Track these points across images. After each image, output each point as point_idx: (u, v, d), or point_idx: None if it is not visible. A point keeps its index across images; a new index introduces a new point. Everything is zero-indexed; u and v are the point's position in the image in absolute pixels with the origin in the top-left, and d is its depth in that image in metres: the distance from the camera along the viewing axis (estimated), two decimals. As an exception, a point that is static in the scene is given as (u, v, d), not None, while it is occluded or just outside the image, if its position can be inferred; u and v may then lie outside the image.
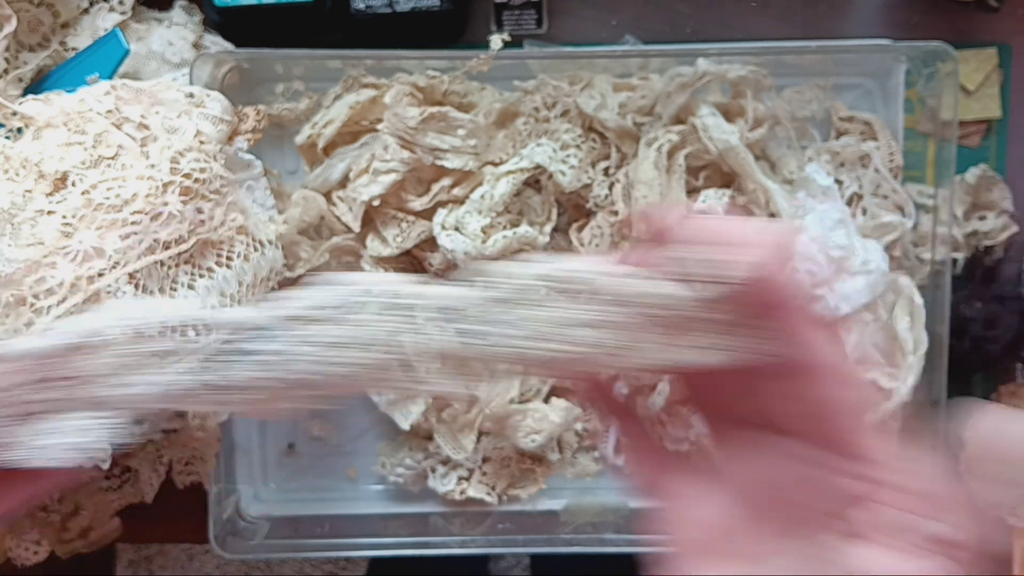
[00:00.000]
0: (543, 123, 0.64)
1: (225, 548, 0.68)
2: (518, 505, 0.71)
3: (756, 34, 0.71)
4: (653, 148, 0.62)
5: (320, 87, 0.67)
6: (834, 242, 0.61)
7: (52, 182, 0.55)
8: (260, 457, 0.73)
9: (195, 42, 0.67)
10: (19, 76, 0.64)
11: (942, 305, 0.65)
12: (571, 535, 0.70)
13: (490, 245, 0.61)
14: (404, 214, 0.63)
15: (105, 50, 0.62)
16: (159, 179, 0.54)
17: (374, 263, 0.63)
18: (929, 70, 0.65)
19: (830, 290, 0.62)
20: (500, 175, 0.62)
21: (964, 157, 0.71)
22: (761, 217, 0.63)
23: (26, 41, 0.65)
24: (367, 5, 0.65)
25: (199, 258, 0.56)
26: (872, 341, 0.63)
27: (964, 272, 0.71)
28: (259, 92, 0.69)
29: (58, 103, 0.58)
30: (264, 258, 0.59)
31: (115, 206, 0.53)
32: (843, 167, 0.67)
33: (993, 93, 0.71)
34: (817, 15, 0.72)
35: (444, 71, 0.65)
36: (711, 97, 0.65)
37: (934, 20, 0.71)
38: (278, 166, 0.70)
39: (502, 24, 0.71)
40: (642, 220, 0.33)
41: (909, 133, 0.69)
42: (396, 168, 0.62)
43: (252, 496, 0.72)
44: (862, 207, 0.67)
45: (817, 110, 0.67)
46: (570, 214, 0.67)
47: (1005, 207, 0.71)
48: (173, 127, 0.57)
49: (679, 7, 0.72)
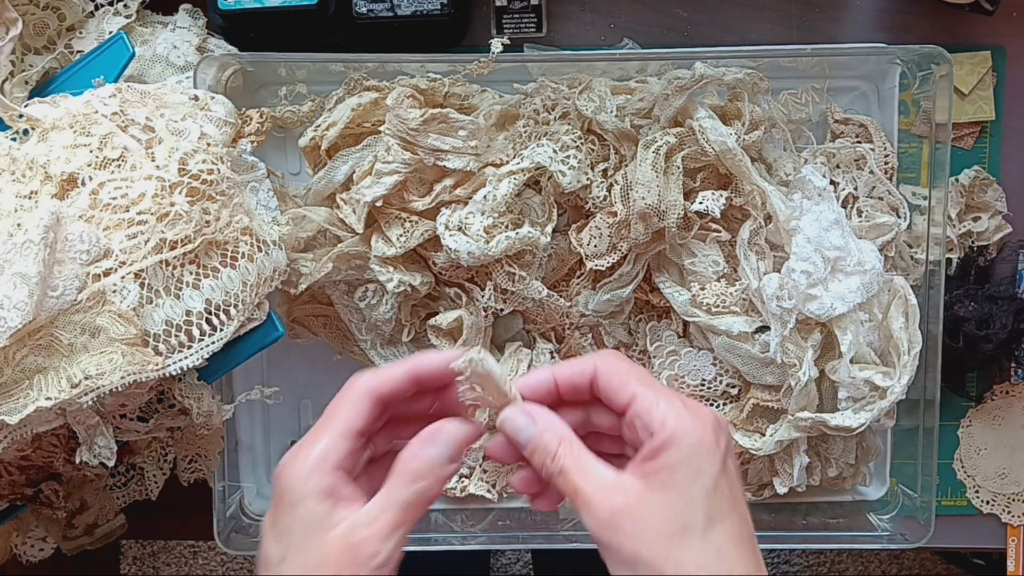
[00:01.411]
0: (543, 125, 0.65)
1: (229, 545, 0.69)
2: (518, 502, 0.72)
3: (752, 38, 0.72)
4: (651, 150, 0.63)
5: (323, 90, 0.68)
6: (829, 243, 0.62)
7: (58, 183, 0.56)
8: (264, 454, 0.74)
9: (199, 46, 0.68)
10: (25, 79, 0.64)
11: (936, 305, 0.66)
12: (570, 532, 0.70)
13: (493, 245, 0.62)
14: (407, 214, 0.64)
15: (110, 53, 0.63)
16: (167, 180, 0.55)
17: (381, 263, 0.64)
18: (923, 73, 0.66)
19: (825, 290, 0.62)
20: (502, 176, 0.63)
21: (958, 159, 0.72)
22: None
23: (32, 44, 0.66)
24: (369, 9, 0.66)
25: (204, 258, 0.57)
26: (867, 340, 0.64)
27: (958, 272, 0.72)
28: (262, 95, 0.70)
29: (64, 105, 0.59)
30: (268, 258, 0.60)
31: (122, 206, 0.54)
32: (838, 169, 0.68)
33: (987, 95, 0.72)
34: (812, 19, 0.72)
35: (445, 74, 0.66)
36: (708, 100, 0.66)
37: (928, 23, 0.72)
38: (281, 168, 0.70)
39: (502, 28, 0.72)
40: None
41: (904, 135, 0.69)
42: (398, 169, 0.62)
43: (256, 493, 0.73)
44: (857, 208, 0.67)
45: (813, 113, 0.68)
46: (569, 215, 0.68)
47: (999, 208, 0.72)
48: (178, 129, 0.58)
49: (677, 11, 0.73)
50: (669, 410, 0.40)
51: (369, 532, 0.39)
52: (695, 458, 0.39)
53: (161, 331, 0.55)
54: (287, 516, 0.41)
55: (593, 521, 0.39)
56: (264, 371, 0.72)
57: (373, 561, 0.39)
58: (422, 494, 0.41)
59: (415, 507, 0.40)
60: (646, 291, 0.69)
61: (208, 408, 0.60)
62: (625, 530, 0.38)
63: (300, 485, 0.40)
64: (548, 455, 0.41)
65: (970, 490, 0.75)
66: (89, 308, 0.52)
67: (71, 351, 0.52)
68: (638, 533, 0.38)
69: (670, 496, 0.39)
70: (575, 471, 0.40)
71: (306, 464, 0.41)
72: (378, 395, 0.42)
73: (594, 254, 0.65)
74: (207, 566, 1.38)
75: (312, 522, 0.40)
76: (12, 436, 0.53)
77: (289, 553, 0.40)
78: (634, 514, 0.39)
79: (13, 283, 0.49)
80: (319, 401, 0.74)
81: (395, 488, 0.40)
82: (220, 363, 0.60)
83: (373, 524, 0.39)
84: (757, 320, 0.65)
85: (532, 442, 0.42)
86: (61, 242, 0.52)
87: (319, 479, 0.40)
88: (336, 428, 0.41)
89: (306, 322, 0.70)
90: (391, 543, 0.39)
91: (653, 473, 0.39)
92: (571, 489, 0.40)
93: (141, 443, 0.69)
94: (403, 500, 0.40)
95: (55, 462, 0.61)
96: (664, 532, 0.38)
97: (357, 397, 0.42)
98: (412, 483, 0.40)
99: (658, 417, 0.40)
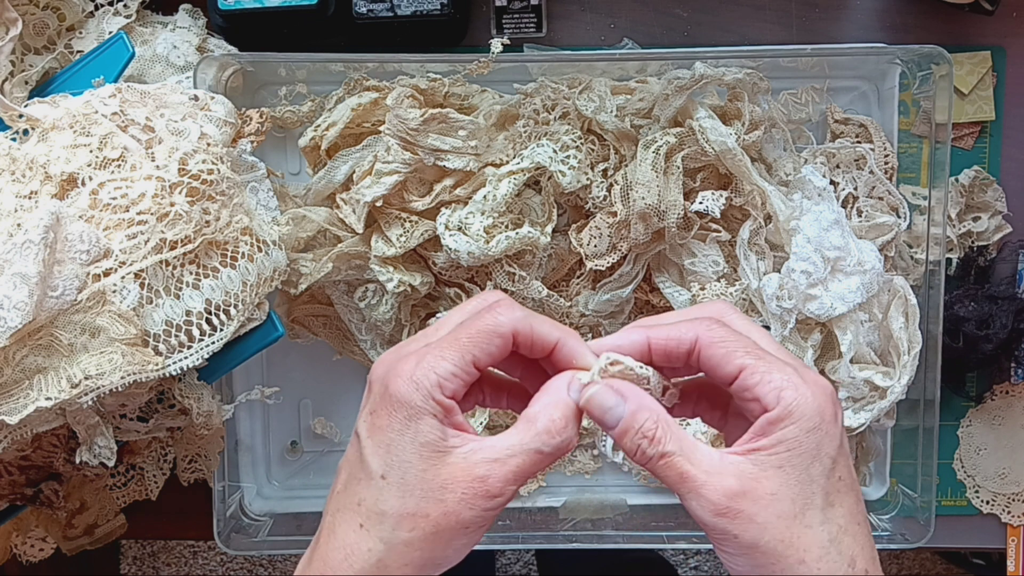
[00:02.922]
0: (543, 125, 0.65)
1: (229, 545, 0.69)
2: (518, 502, 0.72)
3: (752, 38, 0.72)
4: (651, 150, 0.63)
5: (323, 90, 0.68)
6: (829, 243, 0.62)
7: (58, 183, 0.56)
8: (264, 454, 0.74)
9: (199, 46, 0.68)
10: (25, 79, 0.64)
11: (936, 305, 0.66)
12: (570, 531, 0.70)
13: (493, 246, 0.62)
14: (407, 214, 0.64)
15: (110, 53, 0.63)
16: (167, 180, 0.55)
17: (381, 263, 0.64)
18: (923, 73, 0.66)
19: (825, 290, 0.62)
20: (502, 176, 0.63)
21: (958, 159, 0.72)
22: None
23: (32, 44, 0.66)
24: (369, 9, 0.66)
25: (204, 258, 0.57)
26: (867, 340, 0.64)
27: (958, 272, 0.72)
28: (262, 95, 0.70)
29: (64, 105, 0.59)
30: (268, 258, 0.60)
31: (122, 206, 0.54)
32: (838, 169, 0.68)
33: (987, 95, 0.72)
34: (812, 19, 0.72)
35: (445, 74, 0.66)
36: (708, 100, 0.66)
37: (928, 23, 0.72)
38: (281, 168, 0.70)
39: (502, 28, 0.72)
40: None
41: (904, 135, 0.69)
42: (398, 169, 0.62)
43: (256, 493, 0.73)
44: (857, 208, 0.67)
45: (813, 113, 0.68)
46: (569, 215, 0.68)
47: (998, 208, 0.72)
48: (178, 129, 0.58)
49: (676, 11, 0.72)
50: (785, 382, 0.37)
51: (498, 471, 0.37)
52: (814, 433, 0.37)
53: (161, 331, 0.55)
54: (398, 428, 0.37)
55: (706, 507, 0.37)
56: (264, 371, 0.72)
57: (494, 501, 0.37)
58: (557, 448, 0.38)
59: (545, 460, 0.38)
60: (646, 291, 0.69)
61: (208, 408, 0.60)
62: (743, 515, 0.36)
63: (420, 400, 0.37)
64: (645, 438, 0.38)
65: (970, 490, 0.75)
66: (89, 308, 0.52)
67: (71, 351, 0.52)
68: (757, 518, 0.36)
69: (789, 477, 0.36)
70: (679, 454, 0.37)
71: (429, 378, 0.37)
72: (520, 339, 0.39)
73: (594, 254, 0.65)
74: (207, 566, 1.38)
75: (428, 443, 0.37)
76: (12, 436, 0.53)
77: (396, 471, 0.37)
78: (752, 497, 0.36)
79: (13, 283, 0.49)
80: (319, 401, 0.74)
81: (530, 434, 0.38)
82: (220, 363, 0.60)
83: (505, 463, 0.37)
84: (757, 320, 0.65)
85: (624, 423, 0.38)
86: (61, 242, 0.52)
87: (439, 401, 0.38)
88: (469, 353, 0.38)
89: (306, 322, 0.70)
90: (512, 489, 0.37)
91: (768, 450, 0.37)
92: (676, 474, 0.37)
93: (141, 443, 0.69)
94: (535, 450, 0.38)
95: (55, 462, 0.61)
96: (785, 515, 0.36)
97: (500, 334, 0.39)
98: (550, 436, 0.38)
99: (772, 390, 0.37)
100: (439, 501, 0.37)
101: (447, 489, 0.37)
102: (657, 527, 0.70)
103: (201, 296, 0.56)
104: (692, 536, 0.69)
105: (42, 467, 0.62)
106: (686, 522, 0.70)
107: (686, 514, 0.70)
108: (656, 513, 0.71)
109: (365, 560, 0.38)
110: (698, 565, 1.53)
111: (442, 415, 0.38)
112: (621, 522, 0.71)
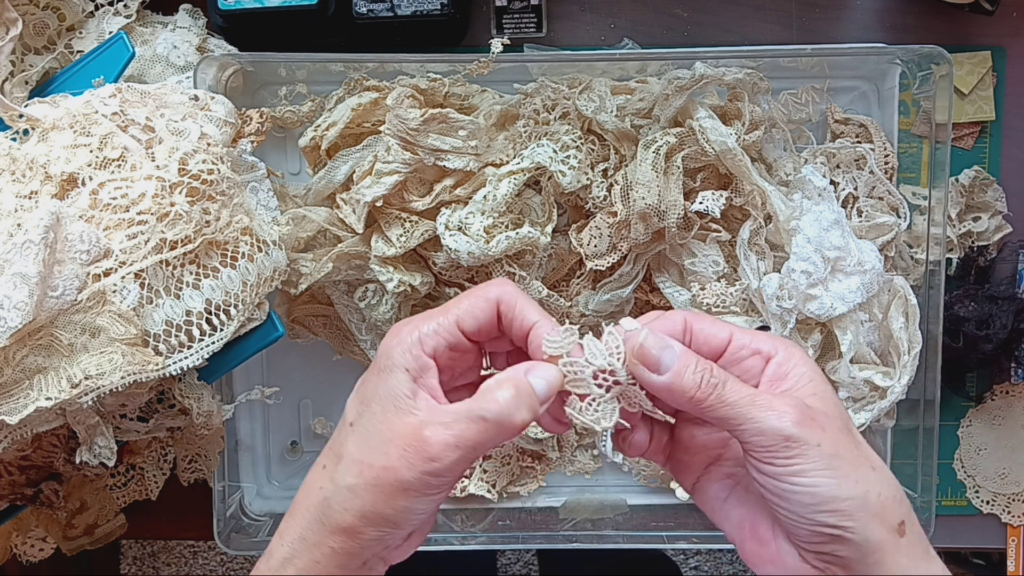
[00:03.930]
0: (543, 125, 0.65)
1: (229, 545, 0.69)
2: (518, 502, 0.72)
3: (752, 38, 0.72)
4: (651, 150, 0.63)
5: (323, 90, 0.68)
6: (829, 243, 0.62)
7: (58, 183, 0.56)
8: (263, 455, 0.74)
9: (199, 46, 0.68)
10: (25, 79, 0.64)
11: (936, 305, 0.66)
12: (570, 531, 0.70)
13: (493, 246, 0.62)
14: (407, 214, 0.64)
15: (110, 53, 0.63)
16: (167, 180, 0.55)
17: (381, 263, 0.64)
18: (923, 73, 0.66)
19: (825, 290, 0.62)
20: (502, 176, 0.63)
21: (958, 159, 0.72)
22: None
23: (32, 44, 0.66)
24: (369, 9, 0.66)
25: (204, 258, 0.57)
26: (867, 340, 0.64)
27: (958, 272, 0.72)
28: (262, 95, 0.70)
29: (64, 105, 0.59)
30: (268, 258, 0.60)
31: (122, 206, 0.54)
32: (838, 169, 0.68)
33: (987, 95, 0.72)
34: (812, 19, 0.72)
35: (445, 74, 0.66)
36: (708, 100, 0.66)
37: (928, 23, 0.72)
38: (281, 168, 0.70)
39: (502, 28, 0.72)
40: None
41: (904, 135, 0.69)
42: (398, 169, 0.62)
43: (256, 493, 0.73)
44: (857, 208, 0.67)
45: (813, 113, 0.68)
46: (570, 215, 0.68)
47: (999, 208, 0.72)
48: (178, 129, 0.58)
49: (677, 11, 0.73)
50: (767, 335, 0.42)
51: (441, 434, 0.38)
52: (815, 369, 0.41)
53: (161, 331, 0.55)
54: (374, 379, 0.40)
55: (786, 419, 0.38)
56: (264, 371, 0.72)
57: (432, 465, 0.38)
58: (502, 423, 0.39)
59: (489, 433, 0.39)
60: (646, 291, 0.69)
61: (208, 408, 0.60)
62: (817, 425, 0.39)
63: (398, 355, 0.40)
64: (706, 368, 0.39)
65: (970, 490, 0.75)
66: (89, 308, 0.52)
67: (71, 351, 0.52)
68: (828, 428, 0.39)
69: (826, 401, 0.40)
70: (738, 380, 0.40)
71: (412, 336, 0.40)
72: (503, 308, 0.42)
73: (594, 254, 0.65)
74: (207, 566, 1.38)
75: (394, 395, 0.39)
76: (12, 436, 0.53)
77: (362, 419, 0.40)
78: (813, 414, 0.39)
79: (13, 283, 0.49)
80: (319, 401, 0.74)
81: (478, 404, 0.39)
82: (220, 363, 0.60)
83: (449, 427, 0.38)
84: (757, 320, 0.65)
85: (682, 360, 0.40)
86: (61, 242, 0.52)
87: (416, 356, 0.40)
88: (451, 316, 0.41)
89: (306, 322, 0.70)
90: (453, 457, 0.38)
91: (798, 388, 0.40)
92: (744, 396, 0.39)
93: (141, 443, 0.69)
94: (481, 419, 0.39)
95: (55, 462, 0.61)
96: (843, 429, 0.40)
97: (484, 300, 0.42)
98: (497, 405, 0.39)
99: (766, 340, 0.42)
100: (384, 454, 0.39)
101: (392, 443, 0.39)
102: (657, 527, 0.70)
103: (201, 296, 0.56)
104: (692, 536, 0.69)
105: (42, 467, 0.62)
106: (686, 522, 0.70)
107: (686, 514, 0.71)
108: (656, 513, 0.71)
109: (316, 497, 0.41)
110: (698, 565, 1.53)
111: (416, 371, 0.40)
112: (621, 522, 0.71)
